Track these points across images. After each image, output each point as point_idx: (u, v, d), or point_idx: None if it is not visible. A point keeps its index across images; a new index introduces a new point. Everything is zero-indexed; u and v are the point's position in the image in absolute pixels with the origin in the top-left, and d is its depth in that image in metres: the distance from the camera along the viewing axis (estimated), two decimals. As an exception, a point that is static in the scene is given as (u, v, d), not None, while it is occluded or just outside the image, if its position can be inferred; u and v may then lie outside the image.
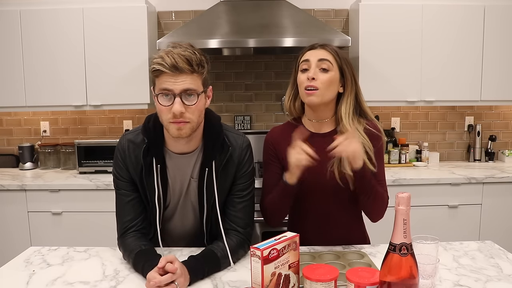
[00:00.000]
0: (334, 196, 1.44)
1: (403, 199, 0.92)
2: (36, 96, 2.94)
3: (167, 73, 1.19)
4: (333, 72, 1.37)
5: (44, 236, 2.72)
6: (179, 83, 1.19)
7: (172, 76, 1.19)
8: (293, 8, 2.96)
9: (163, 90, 1.21)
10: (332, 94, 1.39)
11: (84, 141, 3.00)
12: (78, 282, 1.21)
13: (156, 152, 1.34)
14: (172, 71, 1.18)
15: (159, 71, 1.19)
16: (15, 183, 2.73)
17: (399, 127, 3.37)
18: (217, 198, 1.36)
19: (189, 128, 1.25)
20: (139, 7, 2.88)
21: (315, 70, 1.36)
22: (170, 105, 1.21)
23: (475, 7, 2.92)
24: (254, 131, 3.26)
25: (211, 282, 1.20)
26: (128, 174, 1.37)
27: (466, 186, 2.77)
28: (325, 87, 1.36)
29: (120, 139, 1.40)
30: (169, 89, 1.20)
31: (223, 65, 3.29)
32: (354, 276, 1.00)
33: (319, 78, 1.35)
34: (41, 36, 2.89)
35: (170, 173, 1.38)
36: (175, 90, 1.20)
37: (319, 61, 1.36)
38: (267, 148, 1.51)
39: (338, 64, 1.38)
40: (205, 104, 1.30)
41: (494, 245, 1.47)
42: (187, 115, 1.22)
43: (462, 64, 2.97)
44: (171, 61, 1.17)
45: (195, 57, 1.21)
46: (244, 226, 1.40)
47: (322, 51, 1.38)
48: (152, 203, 1.37)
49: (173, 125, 1.24)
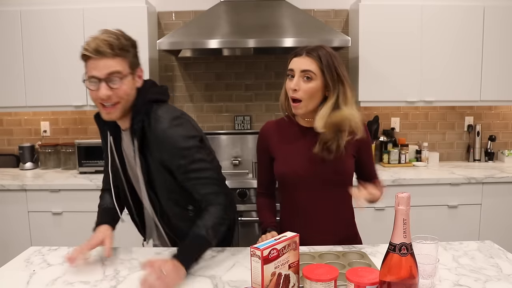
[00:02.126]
0: (323, 190, 1.46)
1: (403, 199, 0.92)
2: (37, 96, 2.95)
3: (92, 58, 1.25)
4: (316, 81, 1.39)
5: (45, 236, 2.72)
6: (102, 67, 1.25)
7: (96, 59, 1.25)
8: (293, 8, 2.96)
9: (90, 77, 1.27)
10: (315, 102, 1.43)
11: (84, 141, 3.01)
12: (78, 282, 1.22)
13: (109, 124, 1.41)
14: (95, 55, 1.25)
15: (86, 56, 1.26)
16: (15, 183, 2.73)
17: (398, 127, 3.37)
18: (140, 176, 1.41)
19: (119, 110, 1.32)
20: (139, 8, 2.89)
21: (297, 80, 1.40)
22: (97, 90, 1.27)
23: (474, 7, 2.92)
24: (254, 131, 3.27)
25: (211, 282, 1.21)
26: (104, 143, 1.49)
27: (466, 186, 2.77)
28: (308, 97, 1.40)
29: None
30: (94, 76, 1.26)
31: (223, 65, 3.29)
32: (354, 276, 1.00)
33: (301, 88, 1.39)
34: (41, 36, 2.89)
35: (124, 150, 1.47)
36: (100, 75, 1.26)
37: (301, 72, 1.40)
38: (260, 140, 1.58)
39: (321, 71, 1.39)
40: (134, 85, 1.34)
41: (493, 245, 1.47)
42: (114, 97, 1.29)
43: (462, 64, 2.97)
44: (95, 46, 1.24)
45: (118, 42, 1.27)
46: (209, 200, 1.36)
47: (306, 59, 1.40)
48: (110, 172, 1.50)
49: (102, 110, 1.32)
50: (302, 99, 1.40)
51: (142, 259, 1.36)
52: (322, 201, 1.48)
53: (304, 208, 1.49)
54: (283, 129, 1.53)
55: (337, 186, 1.47)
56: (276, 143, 1.52)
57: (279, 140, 1.52)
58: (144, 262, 1.20)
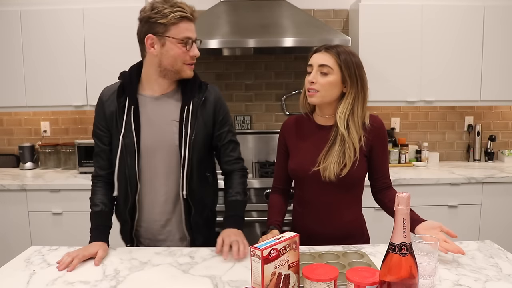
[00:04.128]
0: (331, 188, 1.47)
1: (402, 199, 0.92)
2: (37, 96, 2.95)
3: (187, 19, 1.40)
4: (333, 76, 1.43)
5: (45, 236, 2.72)
6: (193, 29, 1.44)
7: (190, 21, 1.42)
8: (293, 8, 2.96)
9: (186, 38, 1.41)
10: (333, 95, 1.46)
11: (84, 141, 3.00)
12: (78, 282, 1.22)
13: (130, 92, 1.49)
14: (190, 19, 1.42)
15: (182, 17, 1.39)
16: (15, 183, 2.73)
17: (398, 127, 3.37)
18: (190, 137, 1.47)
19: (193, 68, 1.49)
20: (139, 8, 2.85)
21: (315, 74, 1.45)
22: (189, 49, 1.43)
23: (474, 7, 2.92)
24: (254, 131, 3.26)
25: (211, 282, 1.21)
26: (105, 121, 1.52)
27: (466, 186, 2.77)
28: (325, 89, 1.44)
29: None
30: (189, 37, 1.42)
31: (223, 65, 3.29)
32: (354, 276, 1.00)
33: (318, 82, 1.44)
34: (41, 36, 2.89)
35: (143, 118, 1.50)
36: (193, 36, 1.44)
37: (319, 66, 1.44)
38: (280, 135, 1.64)
39: (339, 66, 1.43)
40: None
41: (493, 245, 1.47)
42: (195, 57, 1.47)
43: (462, 64, 2.97)
44: (190, 10, 1.41)
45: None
46: (239, 163, 1.63)
47: (324, 54, 1.45)
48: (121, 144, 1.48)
49: (188, 66, 1.46)
50: (319, 90, 1.44)
51: (142, 259, 1.37)
52: (330, 198, 1.50)
53: (313, 204, 1.52)
54: (301, 125, 1.57)
55: (346, 186, 1.48)
56: (292, 139, 1.57)
57: (295, 136, 1.56)
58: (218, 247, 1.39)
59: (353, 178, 1.46)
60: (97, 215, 1.53)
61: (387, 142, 1.55)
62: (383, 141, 1.53)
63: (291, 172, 1.55)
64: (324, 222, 1.52)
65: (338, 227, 1.51)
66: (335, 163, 1.42)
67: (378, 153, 1.52)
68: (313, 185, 1.49)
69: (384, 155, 1.55)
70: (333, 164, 1.42)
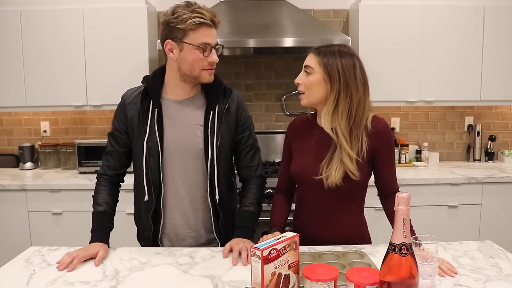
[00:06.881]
0: (330, 191, 1.43)
1: (402, 199, 0.92)
2: (36, 96, 2.95)
3: (206, 26, 1.38)
4: (316, 75, 1.42)
5: (44, 236, 2.72)
6: (214, 35, 1.42)
7: (210, 28, 1.39)
8: (293, 8, 2.96)
9: (204, 44, 1.39)
10: (317, 94, 1.44)
11: (84, 141, 3.01)
12: (78, 282, 1.21)
13: (154, 96, 1.48)
14: (209, 25, 1.39)
15: (201, 24, 1.37)
16: (15, 183, 2.73)
17: (399, 127, 3.37)
18: (216, 141, 1.47)
19: (213, 72, 1.48)
20: (139, 7, 2.88)
21: (301, 75, 1.47)
22: (208, 56, 1.41)
23: (475, 7, 2.92)
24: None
25: (211, 282, 1.21)
26: (125, 123, 1.51)
27: (466, 186, 2.77)
28: (308, 88, 1.45)
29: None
30: (208, 43, 1.40)
31: (223, 65, 3.29)
32: (354, 276, 1.00)
33: (302, 82, 1.46)
34: (41, 36, 2.89)
35: (166, 121, 1.49)
36: (213, 43, 1.41)
37: (304, 67, 1.47)
38: (286, 135, 1.63)
39: (319, 65, 1.42)
40: None
41: (493, 245, 1.47)
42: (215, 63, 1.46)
43: (462, 64, 2.97)
44: (210, 16, 1.38)
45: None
46: (258, 170, 1.62)
47: (309, 55, 1.47)
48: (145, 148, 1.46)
49: (207, 72, 1.44)
50: (304, 91, 1.46)
51: (142, 259, 1.37)
52: (332, 202, 1.47)
53: (314, 206, 1.51)
54: (304, 127, 1.56)
55: (348, 192, 1.45)
56: (296, 140, 1.56)
57: (299, 138, 1.56)
58: (225, 251, 1.39)
59: (355, 185, 1.43)
60: (100, 215, 1.51)
61: (392, 146, 1.47)
62: (387, 145, 1.45)
63: (292, 175, 1.54)
64: (325, 225, 1.50)
65: (338, 230, 1.49)
66: (336, 171, 1.39)
67: (382, 158, 1.44)
68: (315, 190, 1.47)
69: (389, 160, 1.46)
70: (334, 173, 1.39)
